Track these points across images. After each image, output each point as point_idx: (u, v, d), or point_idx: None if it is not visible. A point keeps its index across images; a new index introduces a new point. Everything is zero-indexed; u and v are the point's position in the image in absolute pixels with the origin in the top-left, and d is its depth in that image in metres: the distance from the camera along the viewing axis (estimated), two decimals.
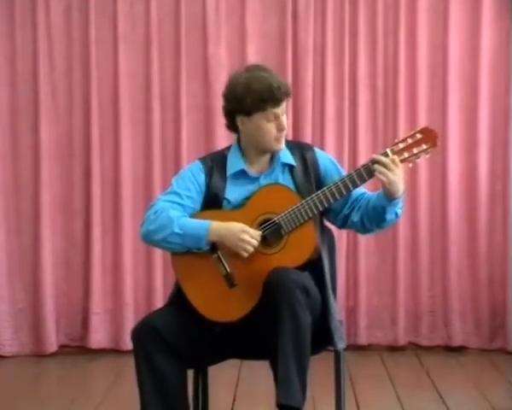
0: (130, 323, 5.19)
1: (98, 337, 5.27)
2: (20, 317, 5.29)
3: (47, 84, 5.23)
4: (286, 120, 3.00)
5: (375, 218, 3.01)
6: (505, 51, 5.21)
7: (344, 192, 2.95)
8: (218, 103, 5.15)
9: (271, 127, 2.98)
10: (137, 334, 2.93)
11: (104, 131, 5.26)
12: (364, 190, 3.07)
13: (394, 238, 5.27)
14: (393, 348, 5.30)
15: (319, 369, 3.34)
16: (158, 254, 5.24)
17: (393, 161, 2.91)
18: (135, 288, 5.30)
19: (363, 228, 3.07)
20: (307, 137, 5.18)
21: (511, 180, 5.21)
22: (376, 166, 2.91)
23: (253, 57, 5.21)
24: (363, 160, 5.25)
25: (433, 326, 5.30)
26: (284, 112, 3.00)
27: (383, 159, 2.91)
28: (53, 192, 5.26)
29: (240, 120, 3.02)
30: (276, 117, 2.98)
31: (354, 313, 5.30)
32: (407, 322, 5.29)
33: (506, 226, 5.23)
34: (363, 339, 5.29)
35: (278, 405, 2.77)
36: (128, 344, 5.17)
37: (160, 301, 5.11)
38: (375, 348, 5.32)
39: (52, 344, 5.25)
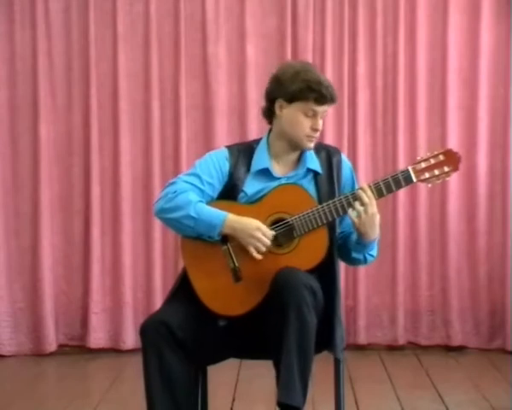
0: (129, 322, 5.20)
1: (97, 337, 5.26)
2: (19, 316, 5.28)
3: (46, 83, 5.22)
4: (322, 124, 2.98)
5: (343, 249, 3.03)
6: (505, 51, 5.20)
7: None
8: (218, 103, 5.26)
9: (306, 123, 2.96)
10: (147, 330, 2.87)
11: (103, 131, 5.26)
12: None
13: (394, 238, 5.26)
14: (393, 348, 5.30)
15: (319, 369, 3.32)
16: (157, 254, 5.24)
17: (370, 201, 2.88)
18: (134, 287, 5.30)
19: (340, 256, 3.07)
20: None
21: (511, 180, 5.21)
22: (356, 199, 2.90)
23: (252, 57, 5.22)
24: (362, 160, 5.26)
25: (433, 326, 5.30)
26: (323, 115, 2.97)
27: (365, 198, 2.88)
28: (52, 191, 5.26)
29: (279, 105, 2.98)
30: (314, 115, 2.96)
31: (353, 313, 5.30)
32: (406, 321, 5.29)
33: (505, 226, 5.23)
34: (362, 339, 5.29)
35: (278, 403, 2.76)
36: (127, 344, 5.18)
37: (159, 301, 5.09)
38: (374, 348, 5.32)
39: (51, 344, 5.25)
